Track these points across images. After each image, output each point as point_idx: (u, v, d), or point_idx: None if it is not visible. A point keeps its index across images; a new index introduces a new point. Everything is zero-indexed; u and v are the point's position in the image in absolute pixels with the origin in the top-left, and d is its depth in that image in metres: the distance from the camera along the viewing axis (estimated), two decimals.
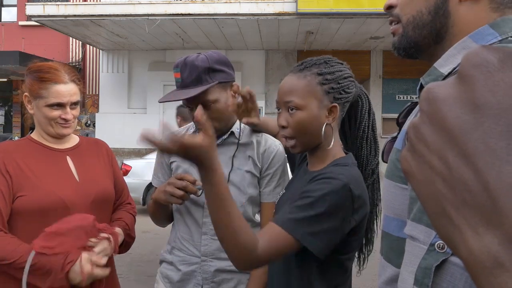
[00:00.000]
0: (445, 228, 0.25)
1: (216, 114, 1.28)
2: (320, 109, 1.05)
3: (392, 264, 0.69)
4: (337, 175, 0.96)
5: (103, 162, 1.47)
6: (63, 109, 1.33)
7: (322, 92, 1.04)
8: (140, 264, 4.18)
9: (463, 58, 0.26)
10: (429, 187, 0.26)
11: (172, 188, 1.23)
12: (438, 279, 0.51)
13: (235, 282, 1.34)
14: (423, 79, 0.68)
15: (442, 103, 0.25)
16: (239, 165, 1.35)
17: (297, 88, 1.05)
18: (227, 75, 1.31)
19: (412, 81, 10.23)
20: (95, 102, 11.47)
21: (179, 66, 1.28)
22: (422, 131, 0.26)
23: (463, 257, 0.24)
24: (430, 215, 0.27)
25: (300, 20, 8.09)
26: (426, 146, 0.26)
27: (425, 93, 0.27)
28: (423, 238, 0.55)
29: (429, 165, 0.26)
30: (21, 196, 1.26)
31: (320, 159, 1.09)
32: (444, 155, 0.25)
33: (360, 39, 9.40)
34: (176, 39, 9.54)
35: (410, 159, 0.28)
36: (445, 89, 0.26)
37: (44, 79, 1.31)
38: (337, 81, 1.06)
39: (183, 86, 1.27)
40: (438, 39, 0.68)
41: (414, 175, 0.27)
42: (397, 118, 0.82)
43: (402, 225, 0.65)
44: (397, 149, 0.70)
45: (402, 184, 0.67)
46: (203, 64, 1.26)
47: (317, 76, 1.05)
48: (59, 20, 8.23)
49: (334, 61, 1.10)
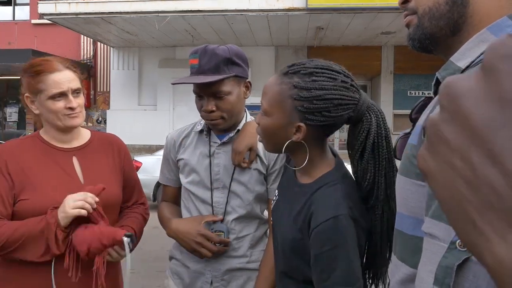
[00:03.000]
0: (468, 234, 0.23)
1: (227, 107, 1.27)
2: (287, 124, 0.96)
3: (407, 264, 0.67)
4: (333, 210, 0.92)
5: (113, 162, 1.42)
6: (66, 98, 1.29)
7: (292, 107, 0.94)
8: (150, 260, 4.21)
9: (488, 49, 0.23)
10: (450, 189, 0.24)
11: (205, 241, 1.27)
12: (460, 279, 0.49)
13: (244, 279, 1.33)
14: (439, 74, 0.66)
15: (465, 98, 0.23)
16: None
17: (270, 93, 0.99)
18: (243, 70, 1.30)
19: (424, 77, 10.09)
20: (106, 99, 11.56)
21: (198, 52, 1.26)
22: (442, 129, 0.25)
23: (489, 264, 0.22)
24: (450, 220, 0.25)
25: (310, 16, 8.02)
26: (446, 145, 0.24)
27: (445, 88, 0.25)
28: (443, 236, 0.53)
29: (450, 166, 0.24)
30: (22, 200, 1.23)
31: (304, 170, 1.02)
32: (468, 155, 0.23)
33: (371, 34, 9.29)
34: (186, 36, 9.55)
35: (429, 159, 0.26)
36: (467, 83, 0.24)
37: (38, 72, 1.28)
38: (312, 101, 0.92)
39: (199, 72, 1.25)
40: (456, 30, 0.65)
41: (433, 176, 0.25)
42: (410, 114, 0.80)
43: (417, 223, 0.64)
44: (412, 145, 0.68)
45: (418, 181, 0.64)
46: (224, 54, 1.25)
47: (292, 88, 0.94)
48: (71, 18, 8.30)
49: (324, 75, 0.94)
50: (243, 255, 1.33)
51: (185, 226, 1.31)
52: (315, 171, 1.01)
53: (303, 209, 0.98)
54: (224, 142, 1.35)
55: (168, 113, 10.76)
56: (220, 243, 1.29)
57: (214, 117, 1.27)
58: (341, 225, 0.91)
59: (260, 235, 1.38)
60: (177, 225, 1.33)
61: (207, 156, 1.35)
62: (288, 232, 1.02)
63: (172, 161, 1.44)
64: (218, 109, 1.26)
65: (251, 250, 1.34)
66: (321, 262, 0.93)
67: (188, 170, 1.38)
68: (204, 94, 1.26)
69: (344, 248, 0.91)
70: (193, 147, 1.39)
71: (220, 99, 1.26)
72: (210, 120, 1.29)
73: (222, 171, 1.34)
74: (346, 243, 0.91)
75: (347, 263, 0.91)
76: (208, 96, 1.26)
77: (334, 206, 0.93)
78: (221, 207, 1.33)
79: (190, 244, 1.28)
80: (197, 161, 1.36)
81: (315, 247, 0.94)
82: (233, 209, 1.33)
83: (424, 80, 10.19)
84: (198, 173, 1.35)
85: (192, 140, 1.40)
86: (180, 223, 1.34)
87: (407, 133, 0.80)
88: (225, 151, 1.35)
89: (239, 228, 1.33)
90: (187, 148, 1.40)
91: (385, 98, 10.46)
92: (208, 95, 1.26)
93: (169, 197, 1.49)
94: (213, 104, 1.26)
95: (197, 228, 1.28)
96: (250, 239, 1.34)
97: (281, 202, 1.13)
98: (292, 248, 1.01)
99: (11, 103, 12.32)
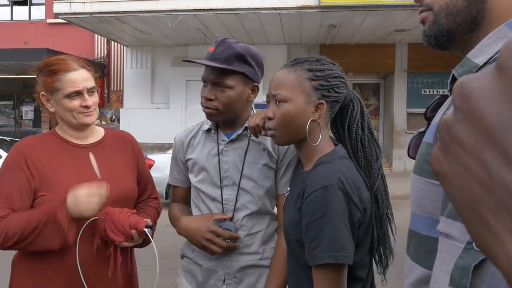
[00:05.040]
0: (482, 236, 0.23)
1: (225, 100, 1.28)
2: (307, 104, 1.06)
3: (420, 265, 0.66)
4: (322, 182, 0.99)
5: (127, 158, 1.45)
6: (82, 96, 1.32)
7: (311, 87, 1.06)
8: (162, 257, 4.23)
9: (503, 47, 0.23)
10: (463, 190, 0.24)
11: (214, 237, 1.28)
12: (476, 280, 0.47)
13: (256, 276, 1.33)
14: (456, 71, 0.65)
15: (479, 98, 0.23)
16: (255, 159, 1.34)
17: (286, 81, 1.07)
18: (254, 72, 1.31)
19: (439, 75, 9.93)
20: (119, 98, 11.70)
21: (217, 42, 1.30)
22: (456, 130, 0.24)
23: (503, 267, 0.22)
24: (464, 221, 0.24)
25: (323, 14, 7.96)
26: (460, 146, 0.24)
27: (458, 88, 0.24)
28: (459, 236, 0.51)
29: (464, 167, 0.23)
30: (41, 196, 1.26)
31: (308, 157, 1.11)
32: (482, 156, 0.22)
33: (384, 32, 9.18)
34: (198, 34, 9.59)
35: (442, 160, 0.25)
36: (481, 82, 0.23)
37: (54, 71, 1.31)
38: (327, 79, 1.07)
39: (211, 59, 1.27)
40: (474, 26, 0.64)
41: (447, 177, 0.25)
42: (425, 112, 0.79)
43: (432, 223, 0.62)
44: (428, 143, 0.66)
45: (433, 180, 0.63)
46: (239, 49, 1.27)
47: (307, 72, 1.06)
48: (85, 17, 8.41)
49: (326, 61, 1.11)
50: (255, 252, 1.33)
51: (195, 223, 1.32)
52: (316, 156, 1.09)
53: (301, 190, 1.06)
54: (232, 140, 1.36)
55: (181, 112, 10.82)
56: (230, 239, 1.29)
57: (210, 106, 1.29)
58: (329, 195, 0.97)
59: (272, 231, 1.37)
60: (186, 223, 1.34)
61: (215, 154, 1.36)
62: (291, 215, 1.08)
63: (181, 162, 1.44)
64: (216, 99, 1.28)
65: (263, 246, 1.34)
66: (311, 232, 0.98)
67: (197, 169, 1.38)
68: (208, 81, 1.29)
69: (332, 217, 0.96)
70: (201, 146, 1.40)
71: (220, 90, 1.28)
72: (206, 108, 1.31)
73: (231, 168, 1.34)
74: (334, 212, 0.96)
75: (333, 230, 0.96)
76: (211, 84, 1.29)
77: (324, 178, 1.00)
78: (231, 204, 1.34)
79: (200, 241, 1.29)
80: (206, 159, 1.37)
81: (306, 217, 1.00)
82: (244, 206, 1.33)
83: (439, 78, 10.04)
84: (207, 172, 1.36)
85: (200, 140, 1.41)
86: (190, 220, 1.35)
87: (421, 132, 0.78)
88: (233, 148, 1.36)
89: (250, 225, 1.33)
90: (196, 148, 1.40)
91: (398, 97, 10.33)
92: (211, 83, 1.29)
93: (179, 198, 1.51)
94: (212, 93, 1.28)
95: (206, 225, 1.29)
96: (262, 235, 1.34)
97: (289, 194, 1.19)
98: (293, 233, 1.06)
99: (27, 101, 12.56)
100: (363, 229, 1.04)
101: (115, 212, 1.24)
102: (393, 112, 10.38)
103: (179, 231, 1.37)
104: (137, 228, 1.25)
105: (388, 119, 10.70)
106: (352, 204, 0.99)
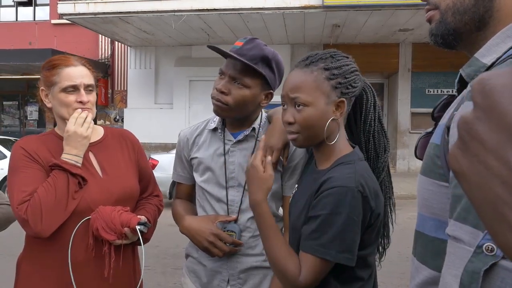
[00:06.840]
0: (505, 235, 0.22)
1: (237, 97, 1.26)
2: (328, 105, 1.04)
3: (427, 266, 0.66)
4: (343, 181, 0.97)
5: (128, 156, 1.44)
6: (78, 92, 1.32)
7: (330, 87, 1.04)
8: (166, 257, 4.25)
9: None
10: (484, 190, 0.23)
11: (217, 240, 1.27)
12: (486, 285, 0.47)
13: (260, 278, 1.33)
14: (463, 71, 0.64)
15: (501, 95, 0.22)
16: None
17: (305, 84, 1.04)
18: (274, 79, 1.30)
19: (443, 74, 9.88)
20: (123, 98, 11.73)
21: (246, 39, 1.28)
22: (476, 128, 0.23)
23: None
24: (485, 220, 0.24)
25: (326, 13, 7.95)
26: (481, 144, 0.23)
27: (478, 85, 0.24)
28: (468, 239, 0.51)
29: (485, 166, 0.23)
30: None
31: (326, 156, 1.09)
32: (504, 154, 0.22)
33: (388, 31, 9.15)
34: (201, 34, 9.60)
35: (461, 159, 0.25)
36: (502, 79, 0.23)
37: (54, 65, 1.33)
38: (344, 75, 1.05)
39: (237, 53, 1.25)
40: (481, 25, 0.63)
41: (466, 176, 0.24)
42: (432, 112, 0.78)
43: (439, 225, 0.62)
44: (435, 144, 0.65)
45: (441, 182, 0.62)
46: (267, 52, 1.26)
47: (324, 71, 1.04)
48: (89, 17, 8.45)
49: (340, 55, 1.09)
50: (259, 254, 1.32)
51: (198, 224, 1.31)
52: (335, 155, 1.07)
53: (316, 186, 1.03)
54: (239, 140, 1.35)
55: (184, 112, 10.84)
56: (232, 243, 1.29)
57: (221, 99, 1.26)
58: (348, 195, 0.95)
59: None
60: (190, 223, 1.33)
61: (221, 154, 1.35)
62: (299, 209, 1.07)
63: (185, 159, 1.43)
64: (230, 94, 1.26)
65: None
66: (316, 222, 0.98)
67: (202, 169, 1.37)
68: (227, 74, 1.27)
69: (346, 218, 0.95)
70: (207, 145, 1.38)
71: (237, 86, 1.25)
72: (216, 101, 1.28)
73: (237, 169, 1.33)
74: (348, 215, 0.95)
75: (342, 231, 0.95)
76: (229, 78, 1.26)
77: (345, 178, 0.98)
78: (236, 206, 1.33)
79: (202, 243, 1.28)
80: (211, 159, 1.35)
81: (316, 209, 0.99)
82: (249, 207, 1.32)
83: (443, 78, 9.99)
84: (213, 172, 1.35)
85: (205, 138, 1.40)
86: (194, 220, 1.34)
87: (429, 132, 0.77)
88: (240, 149, 1.34)
89: (255, 226, 1.32)
90: (201, 147, 1.39)
91: (402, 97, 10.30)
92: (230, 77, 1.26)
93: (182, 195, 1.50)
94: (227, 87, 1.26)
95: (210, 227, 1.28)
96: None
97: (298, 191, 1.17)
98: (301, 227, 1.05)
99: (32, 101, 12.62)
100: (373, 233, 1.03)
101: (106, 211, 1.25)
102: (397, 112, 10.34)
103: (182, 229, 1.36)
104: (129, 225, 1.25)
105: (392, 119, 10.66)
106: (368, 208, 0.98)
